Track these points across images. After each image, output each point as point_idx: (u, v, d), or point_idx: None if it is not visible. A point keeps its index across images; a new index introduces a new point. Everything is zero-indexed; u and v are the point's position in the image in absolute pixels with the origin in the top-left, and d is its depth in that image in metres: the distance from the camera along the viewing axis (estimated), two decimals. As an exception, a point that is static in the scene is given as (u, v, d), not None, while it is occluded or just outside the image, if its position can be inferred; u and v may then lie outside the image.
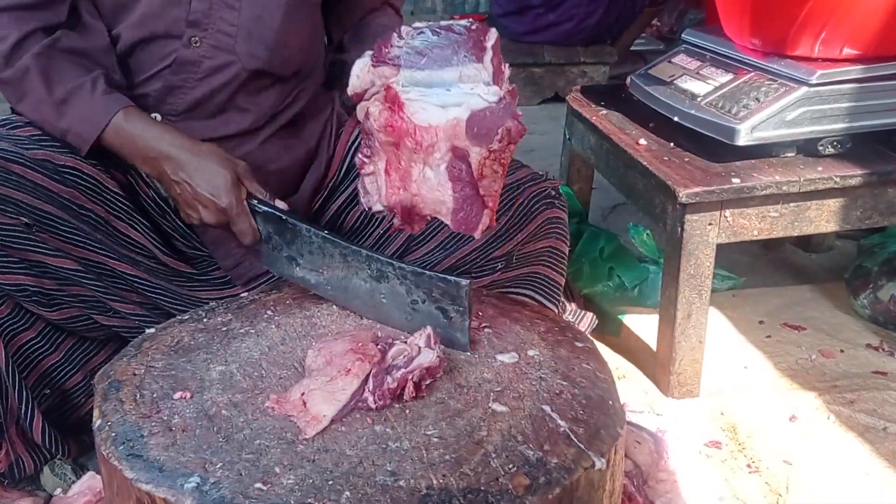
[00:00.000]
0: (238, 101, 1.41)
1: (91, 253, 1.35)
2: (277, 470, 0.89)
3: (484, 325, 1.20)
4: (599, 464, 0.93)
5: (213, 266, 1.48)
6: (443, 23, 1.09)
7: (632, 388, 1.80)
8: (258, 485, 0.87)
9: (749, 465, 1.56)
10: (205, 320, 1.20)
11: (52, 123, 1.31)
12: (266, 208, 1.28)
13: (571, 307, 1.91)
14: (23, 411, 1.33)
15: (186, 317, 1.22)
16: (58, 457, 1.43)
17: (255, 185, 1.30)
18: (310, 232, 1.22)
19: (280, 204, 1.30)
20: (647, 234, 2.15)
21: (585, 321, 1.87)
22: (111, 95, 1.30)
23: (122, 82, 1.37)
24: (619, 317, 2.05)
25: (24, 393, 1.33)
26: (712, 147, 1.73)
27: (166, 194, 1.39)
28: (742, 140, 1.64)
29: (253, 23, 1.35)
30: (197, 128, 1.38)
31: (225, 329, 1.18)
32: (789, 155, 1.72)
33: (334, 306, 1.23)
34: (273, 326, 1.19)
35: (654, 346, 1.87)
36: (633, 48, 4.67)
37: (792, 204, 1.67)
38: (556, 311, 1.51)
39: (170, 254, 1.44)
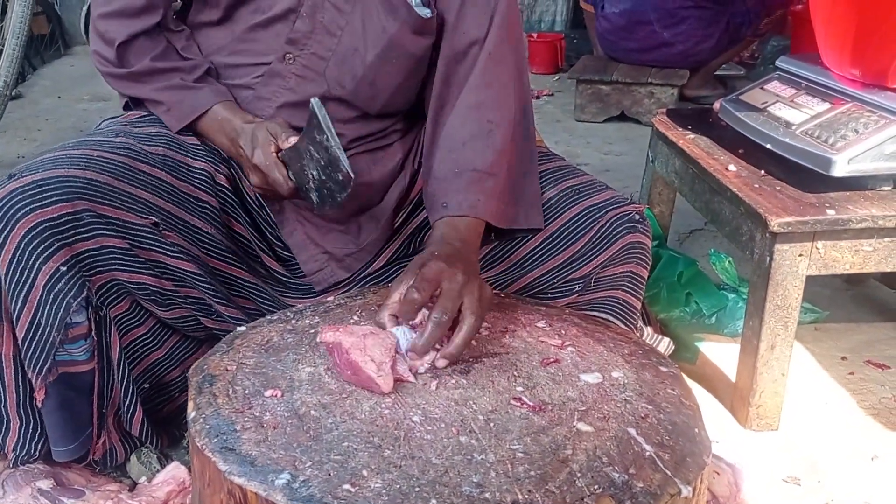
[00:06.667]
0: None
1: (204, 255, 1.40)
2: (365, 473, 0.90)
3: (567, 343, 1.20)
4: (686, 492, 0.92)
5: (299, 272, 1.51)
6: None
7: (707, 416, 1.77)
8: (346, 486, 0.88)
9: (828, 503, 1.53)
10: (293, 321, 1.23)
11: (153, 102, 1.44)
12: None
13: (648, 331, 1.89)
14: (126, 404, 1.38)
15: (275, 317, 1.25)
16: (145, 445, 1.47)
17: (287, 137, 1.34)
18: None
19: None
20: (730, 262, 2.12)
21: (662, 346, 1.85)
22: (213, 87, 1.43)
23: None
24: (696, 344, 2.02)
25: (131, 387, 1.38)
26: (805, 177, 1.69)
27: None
28: (839, 171, 1.60)
29: (349, 53, 1.38)
30: None
31: (313, 331, 1.19)
32: (885, 189, 1.67)
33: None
34: (359, 331, 1.20)
35: (731, 375, 1.84)
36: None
37: (887, 239, 1.62)
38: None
39: (266, 250, 1.48)
